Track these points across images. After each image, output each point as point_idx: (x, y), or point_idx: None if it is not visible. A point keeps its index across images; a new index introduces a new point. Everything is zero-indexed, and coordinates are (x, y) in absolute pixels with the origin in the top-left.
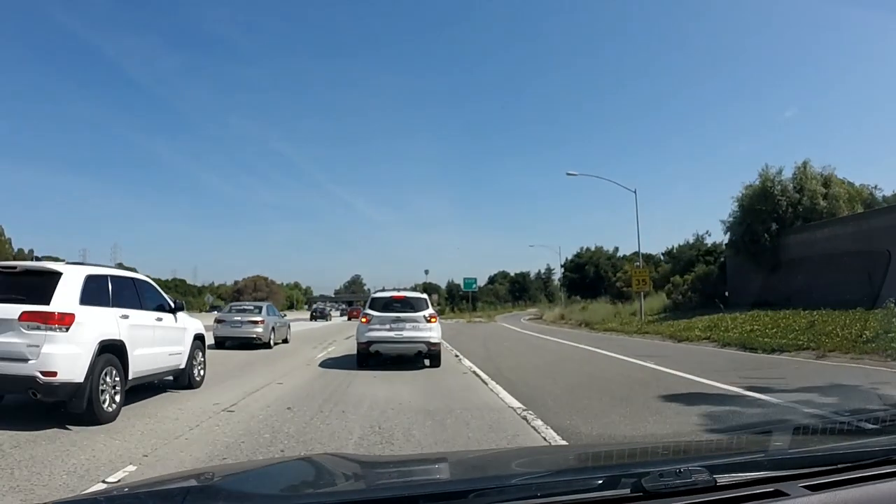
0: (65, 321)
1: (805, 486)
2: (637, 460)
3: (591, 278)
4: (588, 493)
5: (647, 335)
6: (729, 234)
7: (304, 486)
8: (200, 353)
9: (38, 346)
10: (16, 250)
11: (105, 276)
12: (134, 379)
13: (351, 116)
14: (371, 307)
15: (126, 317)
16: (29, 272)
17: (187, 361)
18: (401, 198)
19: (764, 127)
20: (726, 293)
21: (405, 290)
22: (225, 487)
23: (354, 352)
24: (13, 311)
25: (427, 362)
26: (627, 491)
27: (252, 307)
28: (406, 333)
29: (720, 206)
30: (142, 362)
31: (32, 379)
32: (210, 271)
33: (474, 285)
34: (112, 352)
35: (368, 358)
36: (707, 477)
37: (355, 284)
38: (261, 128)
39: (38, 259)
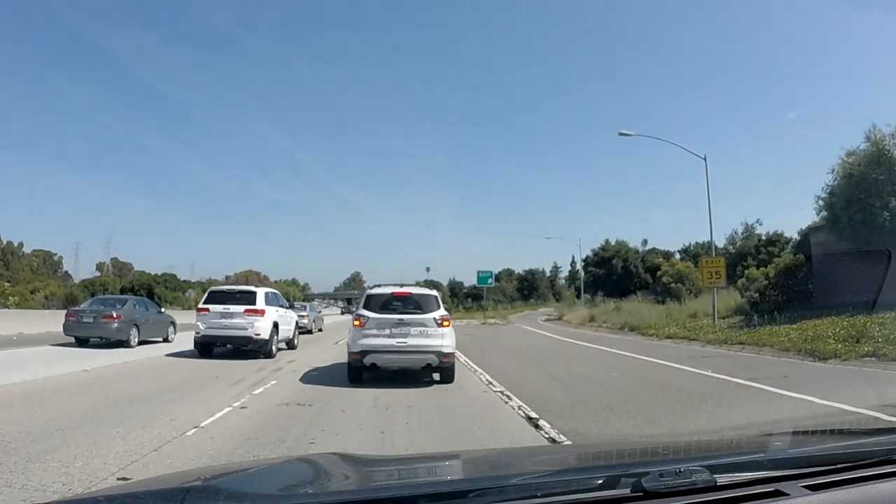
0: (262, 313)
1: (805, 486)
2: (637, 460)
3: (618, 274)
4: (588, 493)
5: (748, 347)
6: (826, 212)
7: (304, 485)
8: (297, 331)
9: (252, 323)
10: (4, 242)
11: (269, 292)
12: (279, 340)
13: (353, 113)
14: (366, 307)
15: (277, 310)
16: (242, 291)
17: (293, 334)
18: (402, 194)
19: (768, 127)
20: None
21: (409, 285)
22: (225, 487)
23: None
24: (241, 308)
25: (436, 376)
26: (627, 491)
27: (300, 305)
28: (411, 341)
29: (733, 203)
30: (282, 332)
31: (249, 338)
32: (208, 267)
33: (490, 280)
34: (275, 326)
35: (362, 372)
36: (707, 477)
37: (355, 282)
38: (262, 124)
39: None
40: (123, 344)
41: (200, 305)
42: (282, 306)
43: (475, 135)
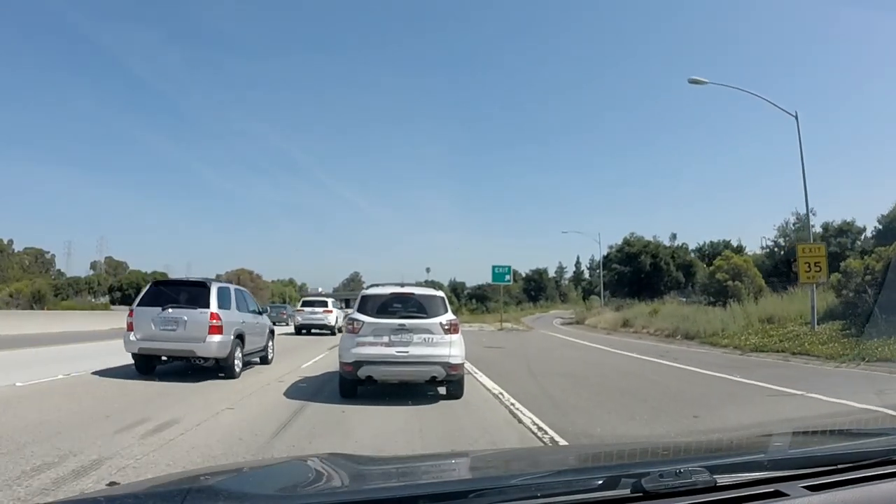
0: (331, 311)
1: (805, 487)
2: (637, 460)
3: (646, 272)
4: (588, 494)
5: None
6: None
7: (304, 486)
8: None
9: (326, 317)
10: None
11: (333, 300)
12: (338, 326)
13: (353, 112)
14: (361, 309)
15: (337, 310)
16: (322, 300)
17: (343, 324)
18: (402, 195)
19: (767, 124)
20: None
21: (410, 285)
22: (225, 487)
23: None
24: (321, 309)
25: (442, 390)
26: (627, 491)
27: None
28: (414, 350)
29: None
30: (339, 322)
31: (325, 324)
32: (205, 266)
33: (507, 276)
34: (336, 318)
35: (356, 386)
36: (707, 477)
37: (354, 282)
38: (261, 123)
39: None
40: (286, 324)
41: (298, 308)
42: (339, 308)
43: (476, 134)
